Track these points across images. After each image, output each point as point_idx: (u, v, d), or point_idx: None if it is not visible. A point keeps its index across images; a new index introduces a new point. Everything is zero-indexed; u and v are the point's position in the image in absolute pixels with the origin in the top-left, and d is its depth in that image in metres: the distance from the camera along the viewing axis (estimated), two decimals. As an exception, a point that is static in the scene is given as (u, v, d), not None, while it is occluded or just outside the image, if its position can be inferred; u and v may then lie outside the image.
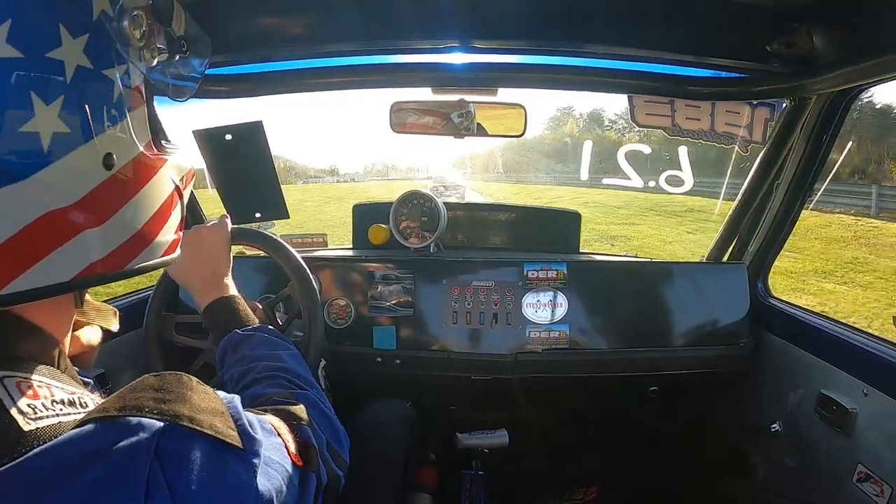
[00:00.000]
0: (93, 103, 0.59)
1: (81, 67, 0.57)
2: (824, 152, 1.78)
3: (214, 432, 0.59)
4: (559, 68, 1.78)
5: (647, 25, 1.56)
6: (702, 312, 2.07)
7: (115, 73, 0.62)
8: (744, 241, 2.15)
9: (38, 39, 0.54)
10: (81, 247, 0.59)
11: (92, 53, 0.58)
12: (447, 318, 2.05)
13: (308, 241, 2.57)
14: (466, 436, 2.13)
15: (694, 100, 1.90)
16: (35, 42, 0.53)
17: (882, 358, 1.53)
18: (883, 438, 1.48)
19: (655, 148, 2.21)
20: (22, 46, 0.52)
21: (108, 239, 0.62)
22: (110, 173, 0.62)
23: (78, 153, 0.57)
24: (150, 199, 0.70)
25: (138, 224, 0.67)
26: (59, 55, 0.55)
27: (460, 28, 1.60)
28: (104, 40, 0.60)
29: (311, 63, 1.79)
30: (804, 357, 1.81)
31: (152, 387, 0.60)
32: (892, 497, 1.41)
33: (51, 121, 0.54)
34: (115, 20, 0.62)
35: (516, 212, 2.65)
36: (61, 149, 0.55)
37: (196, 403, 0.60)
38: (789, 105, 1.79)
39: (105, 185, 0.61)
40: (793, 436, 1.83)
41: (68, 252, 0.58)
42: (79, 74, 0.57)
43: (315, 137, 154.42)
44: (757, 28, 1.47)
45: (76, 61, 0.56)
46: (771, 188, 1.97)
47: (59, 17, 0.55)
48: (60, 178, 0.56)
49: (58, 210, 0.56)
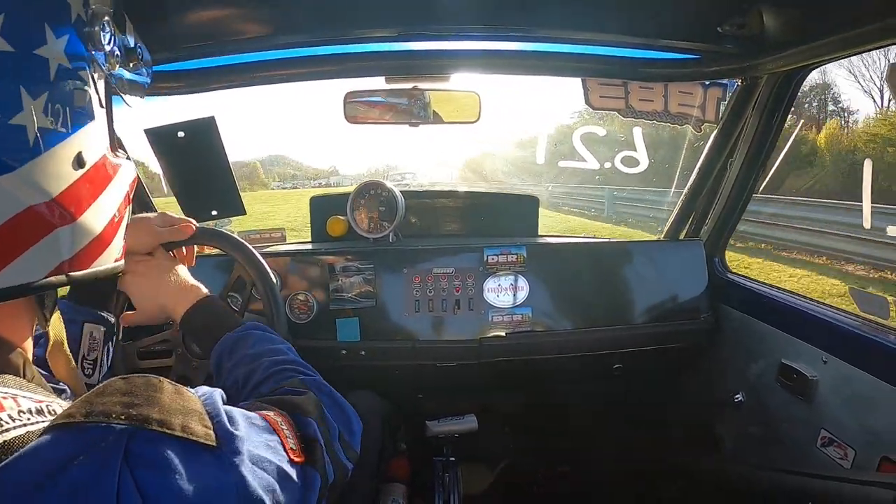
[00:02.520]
0: (70, 102, 0.61)
1: (62, 66, 0.59)
2: (776, 129, 1.83)
3: (186, 433, 0.58)
4: (512, 53, 1.79)
5: (599, 8, 1.56)
6: (661, 289, 2.11)
7: (87, 74, 0.64)
8: (700, 217, 2.20)
9: (27, 36, 0.56)
10: (55, 244, 0.61)
11: (70, 54, 0.60)
12: (409, 306, 2.03)
13: (266, 236, 2.52)
14: (436, 423, 2.12)
15: (647, 82, 1.92)
16: (24, 38, 0.56)
17: (839, 326, 1.59)
18: (843, 403, 1.54)
19: (611, 129, 2.22)
20: (13, 41, 0.54)
21: (77, 238, 0.64)
22: (81, 172, 0.63)
23: (56, 150, 0.59)
24: (111, 201, 0.71)
25: (101, 225, 0.68)
26: (45, 53, 0.57)
27: (411, 14, 1.58)
28: (79, 43, 0.63)
29: (263, 56, 1.74)
30: (764, 329, 1.86)
31: (120, 391, 0.59)
32: (856, 459, 1.47)
33: (37, 115, 0.56)
34: (88, 24, 0.64)
35: (474, 198, 2.64)
36: (44, 144, 0.58)
37: (166, 405, 0.59)
38: (741, 84, 1.83)
39: (77, 183, 0.63)
40: (756, 405, 1.89)
41: (42, 249, 0.59)
42: (60, 73, 0.59)
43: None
44: (708, 9, 1.49)
45: (58, 60, 0.59)
46: (725, 166, 2.02)
47: (45, 16, 0.58)
48: (42, 173, 0.58)
49: (36, 206, 0.57)
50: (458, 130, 2.30)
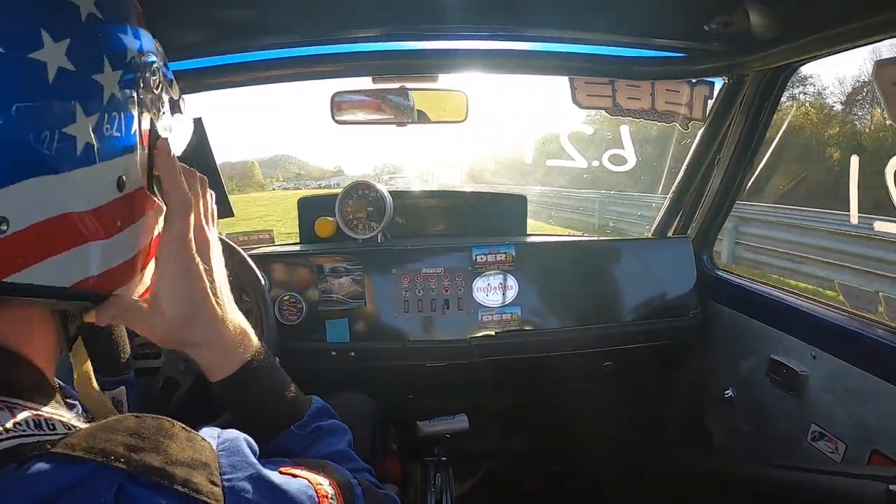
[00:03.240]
0: (118, 129, 0.63)
1: (114, 96, 0.62)
2: (763, 127, 1.85)
3: (187, 489, 0.53)
4: (499, 52, 1.79)
5: (586, 7, 1.56)
6: (650, 286, 2.12)
7: (134, 109, 0.66)
8: (688, 215, 2.21)
9: (88, 61, 0.59)
10: (84, 256, 0.60)
11: (121, 88, 0.63)
12: (399, 307, 2.03)
13: (254, 237, 2.50)
14: (427, 423, 2.12)
15: (634, 80, 1.93)
16: (85, 63, 0.58)
17: (828, 322, 1.60)
18: (833, 398, 1.56)
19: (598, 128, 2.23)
20: (75, 63, 0.56)
21: (107, 256, 0.63)
22: (120, 194, 0.64)
23: (100, 166, 0.61)
24: (144, 231, 0.71)
25: (132, 252, 0.68)
26: (101, 80, 0.60)
27: (398, 14, 1.57)
28: (132, 80, 0.66)
29: (249, 56, 1.73)
30: (753, 325, 1.88)
31: (128, 430, 0.55)
32: (847, 453, 1.48)
33: (86, 130, 0.58)
34: (140, 69, 0.67)
35: (462, 197, 2.64)
36: (90, 157, 0.59)
37: (173, 454, 0.55)
38: (728, 82, 1.84)
39: (114, 203, 0.63)
40: (747, 401, 1.91)
41: (71, 258, 0.59)
42: (111, 101, 0.61)
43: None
44: (695, 8, 1.49)
45: (111, 89, 0.61)
46: (712, 163, 2.03)
47: (104, 50, 0.61)
48: (84, 183, 0.59)
49: (75, 213, 0.58)
50: (469, 130, 2.31)
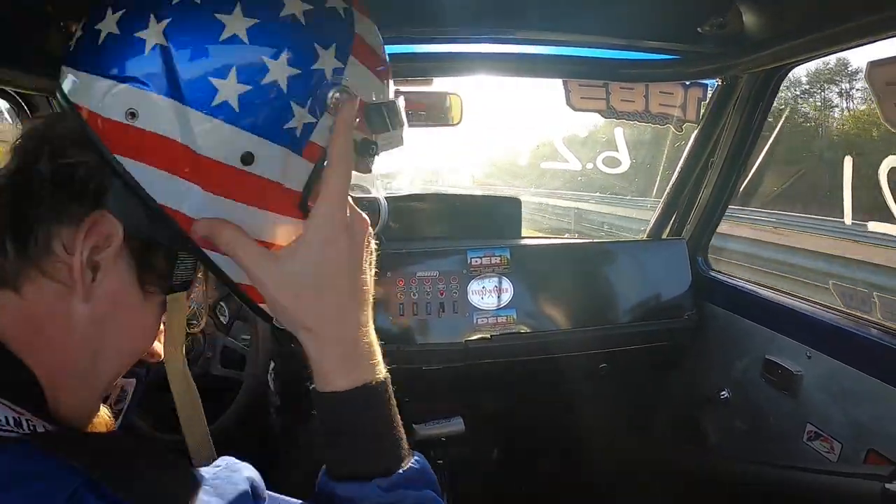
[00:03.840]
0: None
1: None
2: (756, 128, 1.85)
3: None
4: (493, 55, 1.79)
5: (580, 10, 1.56)
6: (645, 288, 2.13)
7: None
8: (682, 216, 2.22)
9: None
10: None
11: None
12: (394, 310, 2.02)
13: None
14: (422, 426, 2.11)
15: (628, 82, 1.93)
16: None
17: (822, 322, 1.61)
18: (828, 397, 1.56)
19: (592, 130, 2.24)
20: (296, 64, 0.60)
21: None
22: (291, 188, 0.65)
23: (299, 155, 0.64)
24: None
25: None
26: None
27: (392, 17, 1.57)
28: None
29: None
30: (747, 325, 1.88)
31: (114, 445, 0.54)
32: (843, 452, 1.49)
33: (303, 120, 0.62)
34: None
35: (457, 200, 2.65)
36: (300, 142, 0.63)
37: (147, 477, 0.52)
38: (721, 84, 1.85)
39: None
40: (742, 401, 1.91)
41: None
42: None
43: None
44: (688, 10, 1.50)
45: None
46: (706, 165, 2.03)
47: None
48: (290, 165, 0.64)
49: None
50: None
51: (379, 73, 0.70)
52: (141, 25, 0.57)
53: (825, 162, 10.91)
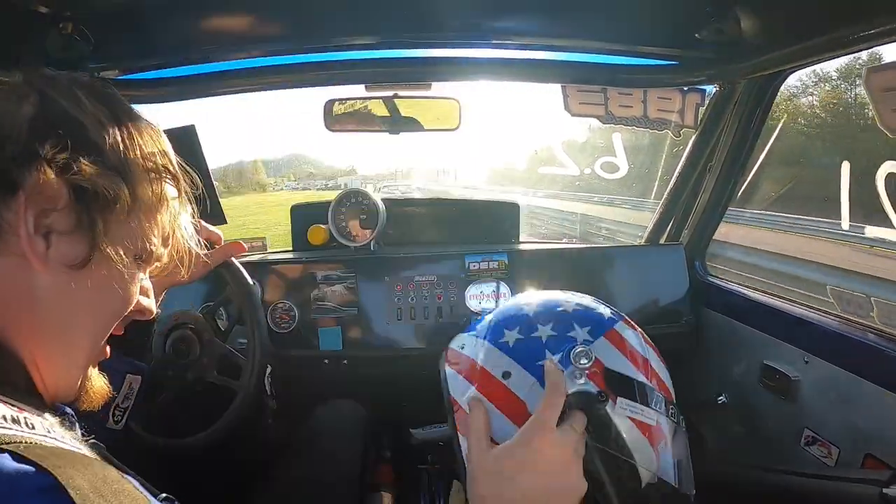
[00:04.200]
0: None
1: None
2: (754, 134, 1.86)
3: None
4: (492, 60, 1.79)
5: (578, 16, 1.58)
6: (643, 293, 2.13)
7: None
8: (680, 222, 2.22)
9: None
10: None
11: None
12: (391, 315, 2.03)
13: (247, 245, 2.49)
14: (420, 430, 2.11)
15: (626, 88, 1.94)
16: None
17: (819, 327, 1.61)
18: (826, 402, 1.56)
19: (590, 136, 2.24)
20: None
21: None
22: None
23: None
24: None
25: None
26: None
27: (392, 22, 1.58)
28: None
29: (242, 64, 1.73)
30: (745, 331, 1.88)
31: (100, 471, 0.50)
32: (841, 457, 1.49)
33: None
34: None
35: (455, 205, 2.64)
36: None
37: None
38: (719, 89, 1.85)
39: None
40: (740, 406, 1.91)
41: None
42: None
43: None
44: (686, 15, 1.51)
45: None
46: (704, 170, 2.04)
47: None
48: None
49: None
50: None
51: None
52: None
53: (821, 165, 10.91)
